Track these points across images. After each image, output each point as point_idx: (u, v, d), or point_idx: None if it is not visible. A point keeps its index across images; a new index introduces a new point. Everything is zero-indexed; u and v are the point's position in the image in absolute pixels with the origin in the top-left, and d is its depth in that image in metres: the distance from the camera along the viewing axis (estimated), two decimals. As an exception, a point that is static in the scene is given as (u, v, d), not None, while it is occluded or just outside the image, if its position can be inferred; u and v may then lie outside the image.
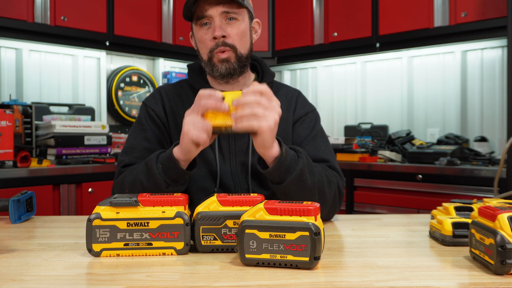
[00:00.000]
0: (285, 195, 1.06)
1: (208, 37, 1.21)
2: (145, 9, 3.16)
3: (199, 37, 1.24)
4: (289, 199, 1.06)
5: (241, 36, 1.22)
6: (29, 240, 0.96)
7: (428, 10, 2.82)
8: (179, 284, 0.68)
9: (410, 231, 1.04)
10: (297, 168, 1.03)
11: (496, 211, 0.72)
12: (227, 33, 1.20)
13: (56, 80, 3.11)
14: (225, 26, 1.20)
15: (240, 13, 1.22)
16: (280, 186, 1.04)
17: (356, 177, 2.76)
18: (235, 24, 1.21)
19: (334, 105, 3.68)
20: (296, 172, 1.03)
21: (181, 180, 1.06)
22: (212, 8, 1.19)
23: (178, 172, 1.04)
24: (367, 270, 0.74)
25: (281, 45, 3.60)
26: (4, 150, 2.22)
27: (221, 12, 1.19)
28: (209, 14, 1.19)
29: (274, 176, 1.03)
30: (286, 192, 1.05)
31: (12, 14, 2.58)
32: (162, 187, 1.05)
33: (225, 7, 1.19)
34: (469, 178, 2.34)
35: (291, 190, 1.05)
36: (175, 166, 1.03)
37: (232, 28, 1.21)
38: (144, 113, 1.30)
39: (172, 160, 1.02)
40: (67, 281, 0.69)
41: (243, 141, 1.25)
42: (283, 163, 1.01)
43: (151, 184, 1.06)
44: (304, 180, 1.05)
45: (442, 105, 3.14)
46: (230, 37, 1.20)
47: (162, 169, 1.05)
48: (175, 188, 1.06)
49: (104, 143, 2.67)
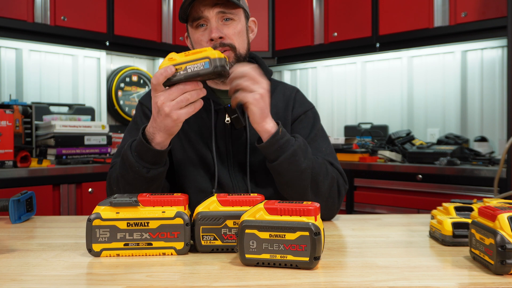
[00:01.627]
0: (278, 175, 1.11)
1: (204, 39, 1.20)
2: (145, 9, 3.17)
3: (195, 39, 1.23)
4: (283, 182, 1.12)
5: (238, 36, 1.22)
6: (29, 240, 0.96)
7: (428, 10, 2.82)
8: (179, 284, 0.68)
9: (410, 231, 1.04)
10: (291, 148, 1.08)
11: (496, 211, 0.72)
12: (224, 34, 1.19)
13: (56, 80, 3.11)
14: (221, 27, 1.19)
15: (236, 13, 1.21)
16: (273, 164, 1.09)
17: (356, 177, 2.76)
18: (231, 25, 1.21)
19: (334, 105, 3.68)
20: (290, 151, 1.08)
21: (161, 160, 1.05)
22: (208, 9, 1.18)
23: (154, 153, 1.03)
24: (367, 270, 0.74)
25: (281, 45, 3.60)
26: (4, 150, 2.22)
27: (217, 13, 1.19)
28: (205, 15, 1.19)
29: (269, 153, 1.09)
30: (279, 171, 1.10)
31: (12, 14, 2.58)
32: (143, 173, 1.04)
33: (221, 8, 1.18)
34: (469, 178, 2.34)
35: (283, 169, 1.09)
36: (148, 149, 1.02)
37: (229, 28, 1.20)
38: (140, 112, 1.29)
39: (143, 143, 1.02)
40: (67, 281, 0.69)
41: (241, 141, 1.25)
42: (278, 141, 1.07)
43: (132, 173, 1.06)
44: (297, 162, 1.09)
45: (442, 105, 3.14)
46: (227, 38, 1.20)
47: (137, 156, 1.04)
48: (156, 171, 1.06)
49: (104, 143, 2.67)
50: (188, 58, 0.94)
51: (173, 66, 0.95)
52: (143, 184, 1.07)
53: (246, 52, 1.26)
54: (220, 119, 1.25)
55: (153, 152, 1.03)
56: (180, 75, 0.95)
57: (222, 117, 1.25)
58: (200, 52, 0.95)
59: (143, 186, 1.07)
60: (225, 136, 1.24)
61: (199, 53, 0.95)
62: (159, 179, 1.09)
